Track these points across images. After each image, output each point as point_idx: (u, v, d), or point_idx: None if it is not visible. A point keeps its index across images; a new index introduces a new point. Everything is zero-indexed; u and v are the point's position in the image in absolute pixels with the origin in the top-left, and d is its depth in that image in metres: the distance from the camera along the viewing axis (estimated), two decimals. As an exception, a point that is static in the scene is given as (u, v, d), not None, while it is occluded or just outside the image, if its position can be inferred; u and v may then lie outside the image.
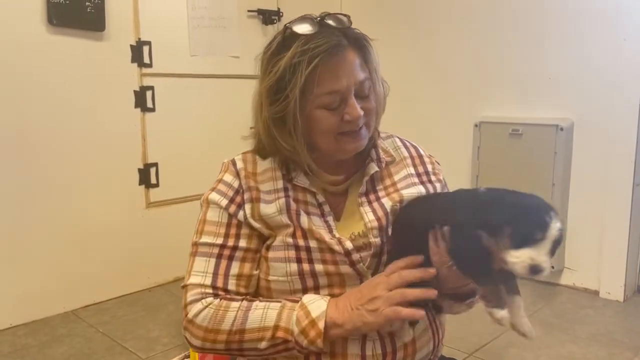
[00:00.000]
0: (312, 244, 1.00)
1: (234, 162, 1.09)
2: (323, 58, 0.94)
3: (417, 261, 0.94)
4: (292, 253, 1.00)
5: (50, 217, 2.64)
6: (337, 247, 1.00)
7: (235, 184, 1.06)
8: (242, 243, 1.03)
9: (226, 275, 1.01)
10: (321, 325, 0.89)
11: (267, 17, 3.39)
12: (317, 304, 0.92)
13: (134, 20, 2.83)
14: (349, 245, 1.00)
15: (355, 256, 1.00)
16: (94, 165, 2.77)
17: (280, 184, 1.05)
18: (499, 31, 3.12)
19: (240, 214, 1.03)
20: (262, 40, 3.41)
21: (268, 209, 1.02)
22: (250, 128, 1.11)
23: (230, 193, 1.05)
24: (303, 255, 1.00)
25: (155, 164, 2.99)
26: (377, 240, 1.02)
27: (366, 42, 1.03)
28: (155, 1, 2.90)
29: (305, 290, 0.99)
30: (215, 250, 1.02)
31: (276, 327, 0.91)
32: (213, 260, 1.02)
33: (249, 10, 3.31)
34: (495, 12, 3.13)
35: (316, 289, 0.99)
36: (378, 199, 1.07)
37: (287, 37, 1.00)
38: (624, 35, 2.66)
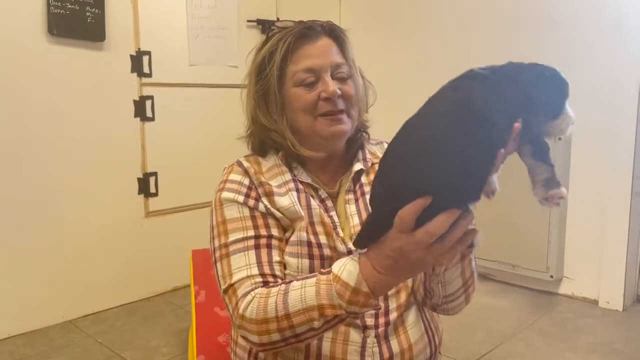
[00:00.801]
0: (322, 239, 1.01)
1: (239, 163, 1.09)
2: (298, 38, 1.03)
3: (427, 203, 0.74)
4: (304, 249, 1.00)
5: (49, 226, 2.64)
6: (340, 247, 1.02)
7: (246, 181, 1.05)
8: (274, 232, 1.02)
9: (270, 262, 0.98)
10: (365, 288, 0.83)
11: (267, 27, 3.41)
12: (347, 270, 0.85)
13: (134, 30, 2.84)
14: (351, 246, 1.01)
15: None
16: (94, 175, 2.77)
17: (288, 176, 1.07)
18: (494, 40, 3.14)
19: (261, 206, 1.02)
20: (262, 50, 3.47)
21: (283, 201, 1.03)
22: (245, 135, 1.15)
23: (243, 189, 1.04)
24: (315, 251, 1.01)
25: (155, 173, 2.99)
26: None
27: (341, 33, 1.09)
28: (155, 11, 2.91)
29: None
30: (251, 242, 0.99)
31: (321, 307, 0.85)
32: (252, 252, 0.98)
33: (248, 20, 3.33)
34: (491, 23, 3.15)
35: None
36: (363, 194, 1.09)
37: (271, 34, 1.09)
38: (622, 45, 2.68)
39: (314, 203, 1.05)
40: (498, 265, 3.11)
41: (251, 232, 1.00)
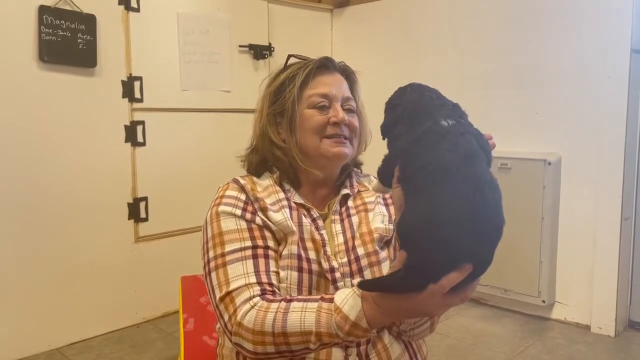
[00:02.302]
0: (312, 255, 1.06)
1: (235, 180, 1.14)
2: (316, 68, 1.16)
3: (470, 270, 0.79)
4: (294, 262, 1.04)
5: (37, 252, 2.61)
6: (324, 265, 1.06)
7: (242, 197, 1.10)
8: (270, 243, 1.06)
9: (267, 272, 1.02)
10: (364, 324, 0.87)
11: (259, 52, 3.43)
12: (349, 304, 0.88)
13: (126, 56, 2.85)
14: (334, 263, 1.07)
15: (337, 274, 1.06)
16: (84, 200, 2.75)
17: (282, 195, 1.13)
18: (486, 65, 3.17)
19: (258, 219, 1.07)
20: (253, 75, 3.52)
21: (276, 216, 1.08)
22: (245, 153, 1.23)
23: (240, 204, 1.08)
24: (304, 265, 1.05)
25: (145, 198, 2.98)
26: (344, 260, 1.08)
27: (353, 75, 1.23)
28: (146, 37, 2.93)
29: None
30: (249, 252, 1.03)
31: (319, 334, 0.89)
32: (250, 262, 1.02)
33: (240, 46, 3.36)
34: (483, 46, 3.19)
35: None
36: (349, 216, 1.16)
37: (288, 64, 1.21)
38: (609, 72, 2.72)
39: (306, 220, 1.10)
40: (490, 290, 3.10)
41: (248, 243, 1.03)
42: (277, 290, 1.01)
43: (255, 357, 0.95)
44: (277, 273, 1.03)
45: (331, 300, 0.91)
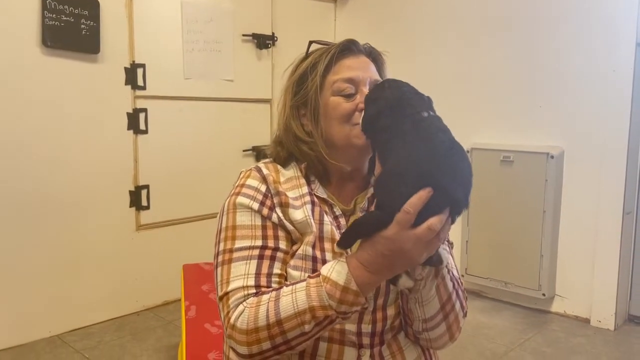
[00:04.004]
0: (329, 257, 1.01)
1: (258, 169, 1.08)
2: (341, 51, 1.08)
3: (430, 194, 0.83)
4: (309, 264, 1.00)
5: (37, 239, 2.61)
6: None
7: (263, 188, 1.04)
8: (282, 245, 1.01)
9: (269, 275, 0.98)
10: (354, 286, 0.87)
11: (262, 41, 3.42)
12: (337, 270, 0.89)
13: (129, 43, 2.84)
14: None
15: None
16: (85, 187, 2.74)
17: (305, 189, 1.07)
18: (491, 59, 3.17)
19: (274, 217, 1.02)
20: (257, 65, 3.51)
21: (297, 214, 1.03)
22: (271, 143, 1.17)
23: (259, 196, 1.03)
24: (319, 267, 0.99)
25: (147, 186, 2.97)
26: None
27: (380, 57, 1.15)
28: (150, 24, 2.91)
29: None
30: (256, 252, 0.99)
31: (312, 309, 0.88)
32: (254, 262, 0.98)
33: (243, 35, 3.34)
34: (487, 41, 3.18)
35: None
36: None
37: (310, 50, 1.13)
38: (614, 66, 2.71)
39: (327, 219, 1.05)
40: (490, 283, 3.10)
41: (259, 242, 1.00)
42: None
43: (250, 359, 0.93)
44: (282, 275, 1.00)
45: (318, 275, 0.90)
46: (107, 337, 2.68)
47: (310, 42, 1.14)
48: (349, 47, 1.09)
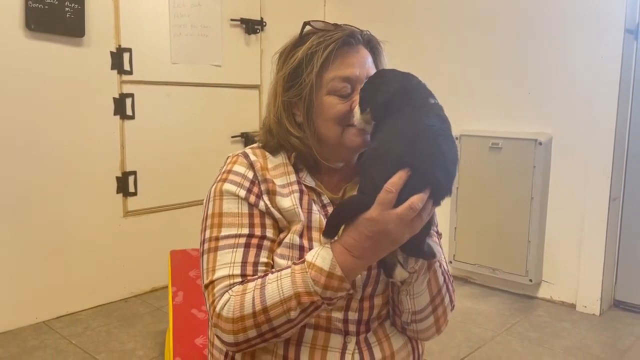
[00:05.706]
0: (316, 246, 0.99)
1: (245, 154, 1.06)
2: (339, 45, 1.01)
3: (407, 174, 0.83)
4: (296, 253, 0.99)
5: (24, 225, 2.58)
6: None
7: (250, 175, 1.03)
8: (269, 233, 1.00)
9: (255, 263, 0.97)
10: (338, 272, 0.87)
11: (250, 26, 3.38)
12: (321, 256, 0.89)
13: (115, 27, 2.79)
14: None
15: None
16: (71, 173, 2.72)
17: (293, 177, 1.05)
18: (480, 46, 3.16)
19: (261, 204, 1.01)
20: (245, 50, 3.47)
21: (284, 202, 1.01)
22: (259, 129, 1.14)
23: (246, 183, 1.02)
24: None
25: (134, 172, 2.94)
26: None
27: (378, 45, 1.09)
28: (136, 8, 2.87)
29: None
30: (242, 240, 0.98)
31: (297, 295, 0.88)
32: (240, 250, 0.97)
33: (231, 19, 3.30)
34: (476, 27, 3.17)
35: None
36: None
37: (305, 33, 1.05)
38: (602, 52, 2.71)
39: (315, 208, 1.03)
40: (478, 269, 3.12)
41: (245, 230, 0.99)
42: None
43: (237, 348, 0.93)
44: (268, 264, 0.99)
45: (303, 262, 0.90)
46: (95, 323, 2.67)
47: (305, 23, 1.06)
48: (347, 42, 1.03)
